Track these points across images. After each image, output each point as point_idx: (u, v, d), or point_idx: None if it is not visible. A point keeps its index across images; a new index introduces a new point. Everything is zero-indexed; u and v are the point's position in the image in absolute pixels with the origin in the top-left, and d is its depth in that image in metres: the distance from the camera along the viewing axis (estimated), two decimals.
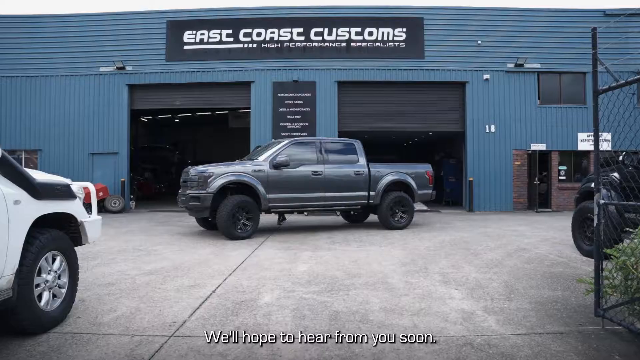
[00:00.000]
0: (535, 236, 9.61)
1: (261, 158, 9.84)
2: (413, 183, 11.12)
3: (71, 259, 4.05)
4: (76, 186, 4.32)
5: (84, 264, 6.58)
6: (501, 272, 5.99)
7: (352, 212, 12.12)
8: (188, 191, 9.33)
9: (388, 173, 10.88)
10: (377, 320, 4.03)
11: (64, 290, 3.93)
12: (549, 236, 9.59)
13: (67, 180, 4.08)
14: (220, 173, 9.18)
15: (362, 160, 10.68)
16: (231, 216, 8.93)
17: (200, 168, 9.43)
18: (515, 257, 7.09)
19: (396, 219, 10.78)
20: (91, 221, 4.33)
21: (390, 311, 4.29)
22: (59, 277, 3.89)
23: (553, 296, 4.76)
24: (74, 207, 4.07)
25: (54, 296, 3.82)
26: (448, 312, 4.24)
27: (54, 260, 3.84)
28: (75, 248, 4.36)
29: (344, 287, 5.22)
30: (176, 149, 29.38)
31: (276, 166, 9.59)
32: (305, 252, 7.55)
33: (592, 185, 7.08)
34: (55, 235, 3.79)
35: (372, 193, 10.58)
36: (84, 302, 4.60)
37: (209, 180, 9.08)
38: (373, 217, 12.18)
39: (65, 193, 3.90)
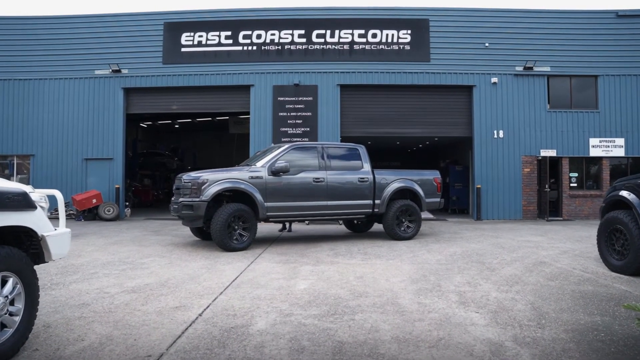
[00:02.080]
0: (553, 248, 8.96)
1: (259, 164, 9.23)
2: (420, 191, 10.50)
3: (28, 281, 3.43)
4: (38, 194, 3.71)
5: (62, 279, 5.99)
6: (524, 291, 5.36)
7: (355, 222, 11.51)
8: (181, 199, 8.72)
9: (394, 180, 10.26)
10: (389, 355, 3.40)
11: (17, 318, 3.30)
12: (567, 248, 8.95)
13: (24, 188, 3.46)
14: (215, 180, 8.58)
15: (367, 167, 10.07)
16: (226, 226, 8.32)
17: (193, 174, 8.82)
18: (536, 273, 6.45)
19: (402, 228, 10.15)
20: (56, 235, 3.70)
21: (404, 342, 3.67)
22: (11, 303, 3.27)
23: (591, 322, 4.11)
24: (32, 219, 3.45)
25: (3, 326, 3.21)
26: (472, 344, 3.61)
27: (4, 283, 3.22)
28: (45, 264, 3.80)
29: (349, 309, 4.59)
30: (175, 155, 28.83)
31: (275, 172, 8.98)
32: (305, 267, 6.92)
33: (620, 193, 6.47)
34: (5, 253, 3.18)
35: (377, 201, 9.96)
36: (48, 328, 3.98)
37: (202, 187, 8.48)
38: (377, 227, 11.59)
39: (19, 203, 3.29)
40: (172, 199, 9.34)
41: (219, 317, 4.34)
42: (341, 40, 16.02)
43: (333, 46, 16.03)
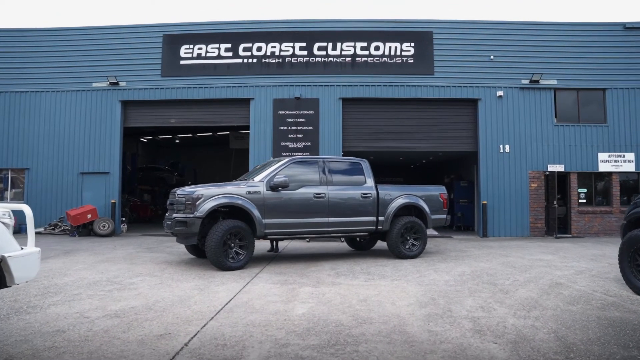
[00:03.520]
0: (567, 267, 8.47)
1: (257, 178, 8.80)
2: (426, 207, 10.05)
3: None
4: (0, 210, 3.29)
5: (40, 301, 5.54)
6: (544, 317, 4.89)
7: (358, 239, 11.04)
8: (174, 215, 8.30)
9: (398, 196, 9.81)
10: None
11: None
12: (582, 267, 8.46)
13: None
14: (211, 195, 8.14)
15: (370, 182, 9.63)
16: (222, 244, 7.86)
17: (188, 189, 8.40)
18: (553, 296, 5.97)
19: (407, 246, 9.68)
20: (20, 256, 3.28)
21: None
22: None
23: (630, 358, 3.63)
24: None
25: None
26: None
27: None
28: (26, 284, 3.36)
29: (352, 339, 4.12)
30: (175, 170, 28.46)
31: (274, 187, 8.55)
32: (304, 288, 6.45)
33: None
34: None
35: (380, 218, 9.49)
36: None
37: (197, 202, 8.04)
38: (381, 244, 11.13)
39: None
40: (166, 214, 8.92)
41: (207, 348, 3.88)
42: (343, 52, 15.72)
43: (335, 59, 15.73)
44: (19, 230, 15.48)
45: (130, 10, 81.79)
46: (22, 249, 3.39)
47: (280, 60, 15.78)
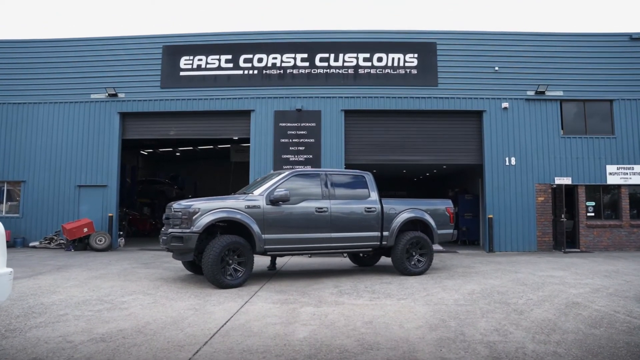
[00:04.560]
0: (581, 285, 8.08)
1: (257, 192, 8.45)
2: (432, 221, 9.68)
3: None
4: None
5: (22, 323, 5.17)
6: (565, 342, 4.50)
7: (361, 255, 10.65)
8: (170, 230, 7.94)
9: (403, 210, 9.44)
10: None
11: None
12: (597, 285, 8.06)
13: None
14: (208, 209, 7.79)
15: (374, 196, 9.27)
16: (219, 260, 7.49)
17: (184, 203, 8.04)
18: (572, 317, 5.58)
19: (413, 263, 9.29)
20: None
21: None
22: None
23: None
24: None
25: None
26: None
27: None
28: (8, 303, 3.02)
29: None
30: (175, 182, 28.14)
31: (274, 201, 8.19)
32: (306, 308, 6.06)
33: None
34: None
35: (385, 233, 9.12)
36: None
37: (194, 217, 7.68)
38: (384, 260, 10.74)
39: None
40: (162, 229, 8.56)
41: None
42: (345, 64, 15.48)
43: (337, 70, 15.48)
44: (14, 244, 15.21)
45: (130, 21, 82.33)
46: None
47: (282, 71, 15.54)
